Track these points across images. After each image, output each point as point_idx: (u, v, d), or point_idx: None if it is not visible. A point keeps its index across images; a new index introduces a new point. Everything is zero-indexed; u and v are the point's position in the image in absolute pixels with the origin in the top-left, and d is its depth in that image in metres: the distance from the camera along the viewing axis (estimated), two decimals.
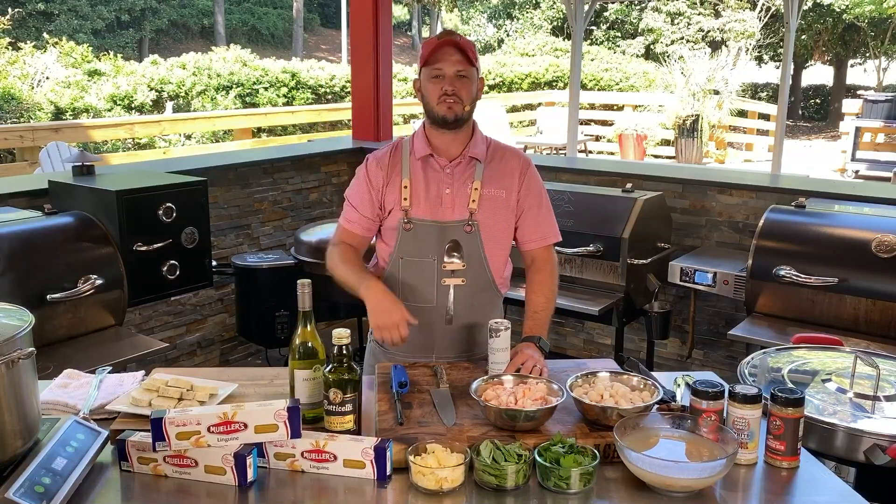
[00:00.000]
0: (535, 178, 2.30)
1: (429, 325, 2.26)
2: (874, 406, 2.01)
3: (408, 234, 2.23)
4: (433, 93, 2.15)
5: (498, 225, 2.25)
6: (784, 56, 7.43)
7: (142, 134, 10.19)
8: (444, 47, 2.12)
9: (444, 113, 2.15)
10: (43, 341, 2.56)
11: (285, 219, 4.92)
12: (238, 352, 4.75)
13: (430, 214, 2.22)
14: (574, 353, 4.77)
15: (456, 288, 2.24)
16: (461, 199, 2.22)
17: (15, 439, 1.53)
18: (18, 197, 3.55)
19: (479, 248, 2.23)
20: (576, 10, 7.82)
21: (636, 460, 1.57)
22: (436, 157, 2.23)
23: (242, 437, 1.60)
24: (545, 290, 2.28)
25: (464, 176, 2.23)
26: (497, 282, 2.31)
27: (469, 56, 2.13)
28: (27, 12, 19.90)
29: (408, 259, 2.24)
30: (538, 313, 2.25)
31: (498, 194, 2.24)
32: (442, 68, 2.13)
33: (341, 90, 13.99)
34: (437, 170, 2.23)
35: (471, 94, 2.17)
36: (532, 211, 2.28)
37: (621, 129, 13.08)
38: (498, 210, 2.24)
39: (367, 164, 2.30)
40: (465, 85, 2.14)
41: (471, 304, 2.26)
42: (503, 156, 2.29)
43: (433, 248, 2.22)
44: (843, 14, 18.30)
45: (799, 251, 3.26)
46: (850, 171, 12.08)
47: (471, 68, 2.15)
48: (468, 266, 2.23)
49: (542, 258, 2.31)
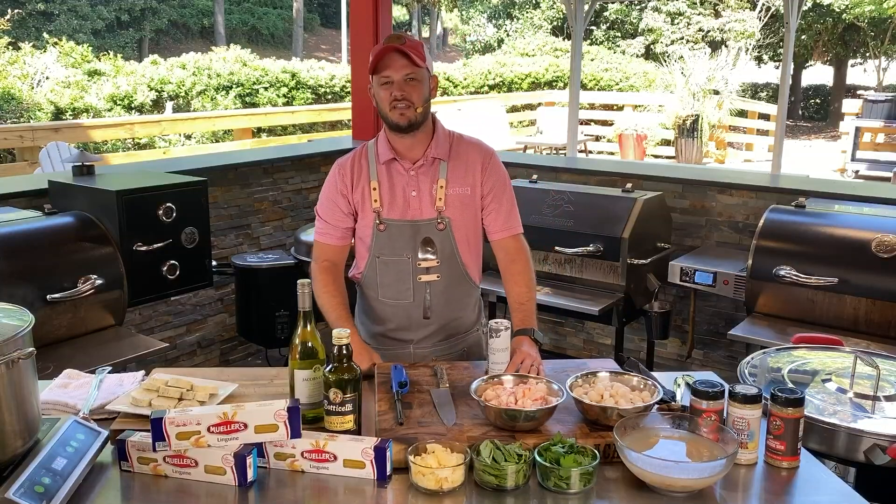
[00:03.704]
0: (497, 169, 2.32)
1: (407, 321, 2.31)
2: (874, 406, 2.01)
3: (382, 235, 2.26)
4: (384, 100, 2.16)
5: (468, 221, 2.28)
6: (784, 56, 7.42)
7: (142, 134, 10.19)
8: (389, 53, 2.12)
9: (396, 119, 2.16)
10: (43, 341, 2.56)
11: (285, 219, 4.92)
12: (238, 352, 4.75)
13: (400, 215, 2.25)
14: (574, 353, 4.77)
15: (432, 284, 2.27)
16: (428, 199, 2.25)
17: (15, 439, 1.53)
18: (18, 197, 3.55)
19: (452, 244, 2.27)
20: (576, 10, 7.82)
21: (636, 460, 1.57)
22: (399, 160, 2.25)
23: (242, 437, 1.60)
24: (524, 279, 2.30)
25: (427, 177, 2.25)
26: (472, 275, 2.35)
27: (414, 59, 2.12)
28: (27, 12, 19.90)
29: (384, 258, 2.27)
30: (524, 304, 2.27)
31: (463, 192, 2.27)
32: (390, 75, 2.13)
33: (341, 90, 13.99)
34: (401, 173, 2.26)
35: (422, 96, 2.17)
36: (496, 202, 2.30)
37: (621, 129, 13.07)
38: (466, 206, 2.27)
39: (333, 170, 2.33)
40: (415, 88, 2.15)
41: (447, 299, 2.30)
42: (466, 151, 2.30)
43: (407, 247, 2.25)
44: (843, 14, 18.30)
45: (799, 251, 3.26)
46: (850, 171, 12.08)
47: (419, 70, 2.14)
48: (442, 262, 2.26)
49: (513, 248, 2.32)
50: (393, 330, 2.34)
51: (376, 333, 2.37)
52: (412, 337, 2.34)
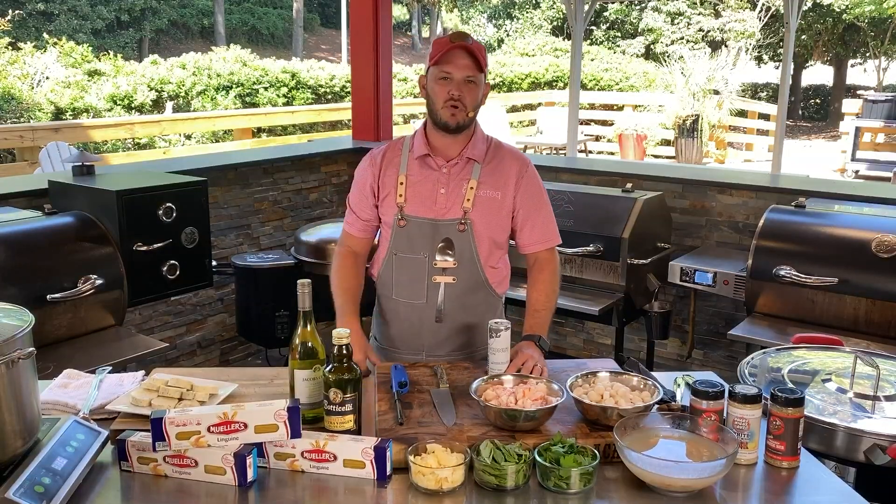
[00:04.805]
0: (533, 182, 2.29)
1: (419, 323, 2.28)
2: (874, 406, 2.01)
3: (402, 231, 2.24)
4: (439, 94, 2.14)
5: (492, 226, 2.24)
6: (784, 56, 7.43)
7: (142, 134, 10.19)
8: (456, 50, 2.10)
9: (446, 119, 2.15)
10: (43, 341, 2.56)
11: (285, 219, 4.92)
12: (238, 352, 4.75)
13: (424, 212, 2.23)
14: (574, 353, 4.77)
15: (447, 286, 2.24)
16: (456, 198, 2.22)
17: (15, 439, 1.53)
18: (18, 197, 3.55)
19: (472, 248, 2.23)
20: (576, 10, 7.82)
21: (636, 460, 1.57)
22: (433, 156, 2.24)
23: (242, 437, 1.60)
24: (546, 288, 2.28)
25: (459, 176, 2.23)
26: (491, 282, 2.30)
27: (479, 61, 2.11)
28: (27, 12, 19.90)
29: (401, 255, 2.25)
30: (539, 312, 2.25)
31: (493, 195, 2.23)
32: (451, 72, 2.11)
33: (341, 90, 13.98)
34: (433, 169, 2.24)
35: (475, 101, 2.16)
36: (531, 215, 2.27)
37: (621, 129, 13.07)
38: (492, 211, 2.24)
39: (365, 160, 2.33)
40: (471, 91, 2.14)
41: (462, 304, 2.26)
42: (502, 157, 2.28)
43: (425, 246, 2.23)
44: (843, 14, 18.30)
45: (799, 251, 3.26)
46: (850, 171, 12.08)
47: (479, 74, 2.14)
48: (460, 265, 2.23)
49: (543, 259, 2.31)
50: (404, 332, 2.31)
51: (390, 336, 2.35)
52: (423, 342, 2.30)
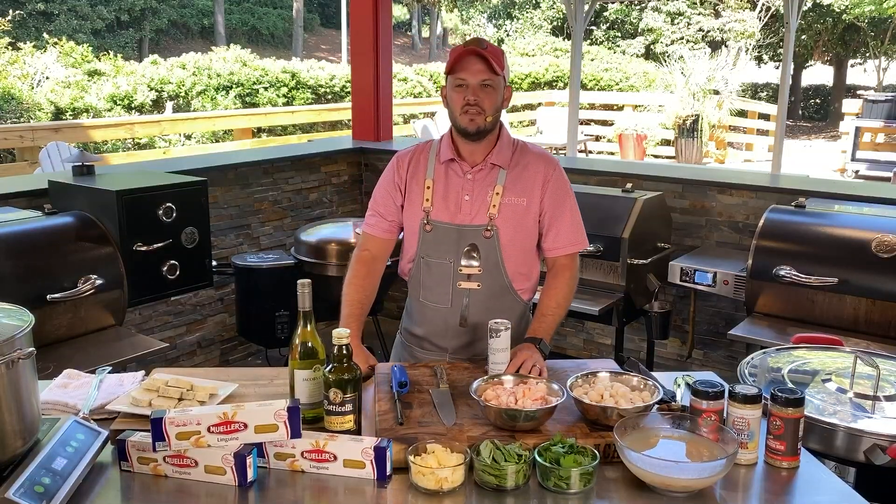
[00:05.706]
0: (560, 185, 2.26)
1: (444, 326, 2.29)
2: (874, 406, 2.01)
3: (428, 235, 2.24)
4: (456, 102, 2.14)
5: (518, 232, 2.23)
6: (784, 56, 7.42)
7: (142, 134, 10.19)
8: (468, 56, 2.10)
9: (465, 125, 2.14)
10: (43, 341, 2.57)
11: (285, 219, 4.92)
12: (238, 352, 4.75)
13: (449, 218, 2.23)
14: (574, 353, 4.77)
15: (472, 292, 2.24)
16: (480, 205, 2.21)
17: (15, 439, 1.53)
18: (18, 197, 3.55)
19: (497, 254, 2.22)
20: (576, 10, 7.82)
21: (636, 460, 1.57)
22: (458, 162, 2.23)
23: (242, 437, 1.60)
24: (558, 294, 2.27)
25: (484, 182, 2.22)
26: (516, 288, 2.29)
27: (493, 65, 2.10)
28: (27, 12, 19.90)
29: (428, 259, 2.26)
30: (546, 316, 2.23)
31: (519, 202, 2.22)
32: (465, 78, 2.11)
33: (341, 90, 13.98)
34: (458, 175, 2.24)
35: (494, 104, 2.15)
36: (556, 219, 2.26)
37: (621, 129, 13.08)
38: (518, 218, 2.23)
39: (392, 162, 2.33)
40: (489, 95, 2.13)
41: (486, 309, 2.24)
42: (528, 162, 2.26)
43: (451, 251, 2.23)
44: (843, 14, 18.30)
45: (799, 251, 3.26)
46: (850, 171, 12.09)
47: (496, 77, 2.12)
48: (485, 270, 2.22)
49: (561, 264, 2.30)
50: (430, 334, 2.32)
51: (417, 335, 2.36)
52: (448, 345, 2.31)
